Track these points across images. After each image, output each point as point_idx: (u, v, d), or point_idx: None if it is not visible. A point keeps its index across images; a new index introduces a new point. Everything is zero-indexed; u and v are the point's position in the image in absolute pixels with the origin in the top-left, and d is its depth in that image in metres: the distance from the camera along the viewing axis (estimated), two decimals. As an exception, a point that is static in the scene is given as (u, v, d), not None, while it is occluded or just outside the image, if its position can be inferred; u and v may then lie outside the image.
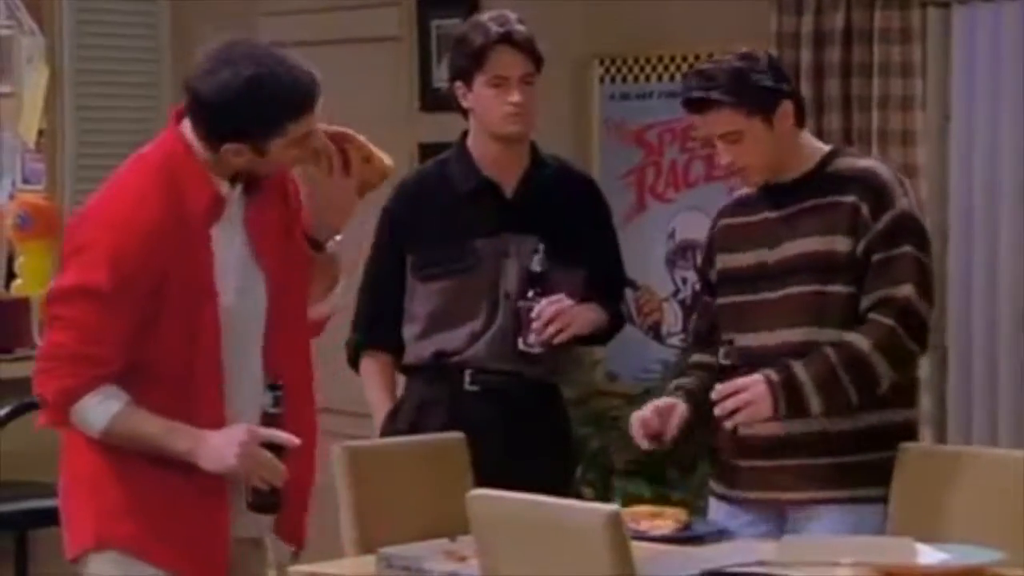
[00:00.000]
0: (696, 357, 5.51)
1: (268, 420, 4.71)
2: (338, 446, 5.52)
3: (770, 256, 5.28)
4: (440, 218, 5.81)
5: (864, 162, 5.37)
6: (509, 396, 5.79)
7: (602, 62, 7.36)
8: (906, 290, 5.11)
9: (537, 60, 5.73)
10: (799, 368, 5.07)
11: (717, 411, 5.05)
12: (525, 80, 5.67)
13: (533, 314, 5.65)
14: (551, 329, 5.62)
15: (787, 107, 5.25)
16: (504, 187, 5.80)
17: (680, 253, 7.42)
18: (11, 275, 7.04)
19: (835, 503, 5.22)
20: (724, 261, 5.39)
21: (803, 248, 5.22)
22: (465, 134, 5.84)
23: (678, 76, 6.96)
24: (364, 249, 5.81)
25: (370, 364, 5.99)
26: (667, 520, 5.26)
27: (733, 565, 4.75)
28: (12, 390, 6.47)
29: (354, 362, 5.98)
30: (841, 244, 5.17)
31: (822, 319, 5.16)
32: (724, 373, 5.22)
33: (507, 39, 5.66)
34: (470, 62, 5.68)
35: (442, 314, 5.80)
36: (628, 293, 6.30)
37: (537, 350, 5.65)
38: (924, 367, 6.25)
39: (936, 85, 6.79)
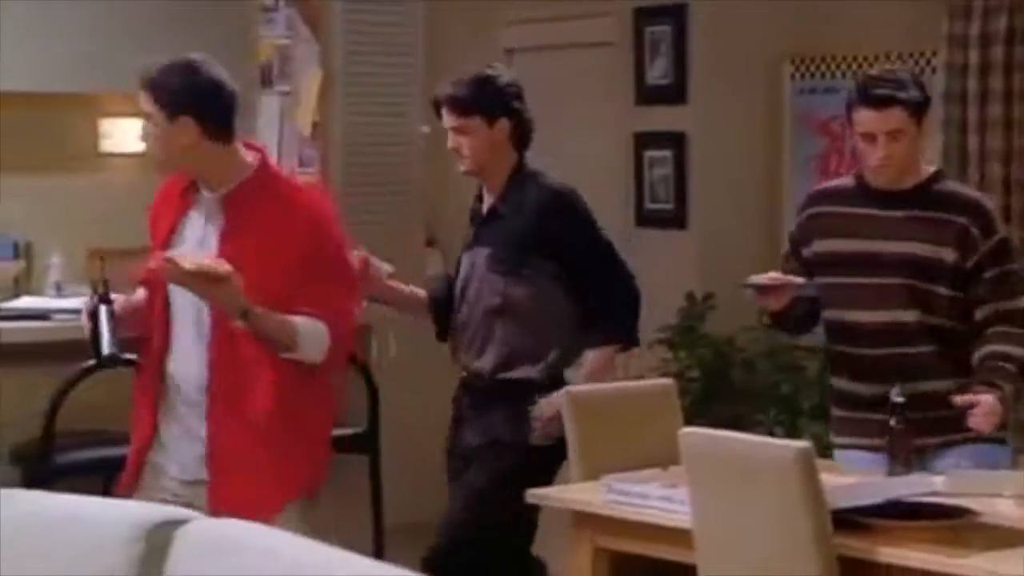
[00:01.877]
0: None
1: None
2: (564, 389, 5.44)
3: (879, 247, 5.18)
4: None
5: (972, 192, 5.47)
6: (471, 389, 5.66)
7: (792, 61, 7.20)
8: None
9: (464, 112, 5.51)
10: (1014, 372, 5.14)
11: (970, 422, 5.02)
12: (455, 130, 5.52)
13: (534, 415, 5.46)
14: (550, 428, 5.42)
15: (929, 121, 5.24)
16: (485, 206, 5.64)
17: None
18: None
19: (956, 444, 5.13)
20: (826, 245, 5.25)
21: (910, 249, 5.15)
22: None
23: (858, 73, 6.76)
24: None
25: None
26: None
27: (911, 495, 4.63)
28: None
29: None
30: (948, 255, 5.12)
31: (930, 309, 5.15)
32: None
33: (436, 100, 5.59)
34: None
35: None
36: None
37: (545, 442, 5.45)
38: None
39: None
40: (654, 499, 4.89)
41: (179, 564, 3.68)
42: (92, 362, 5.14)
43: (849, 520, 4.52)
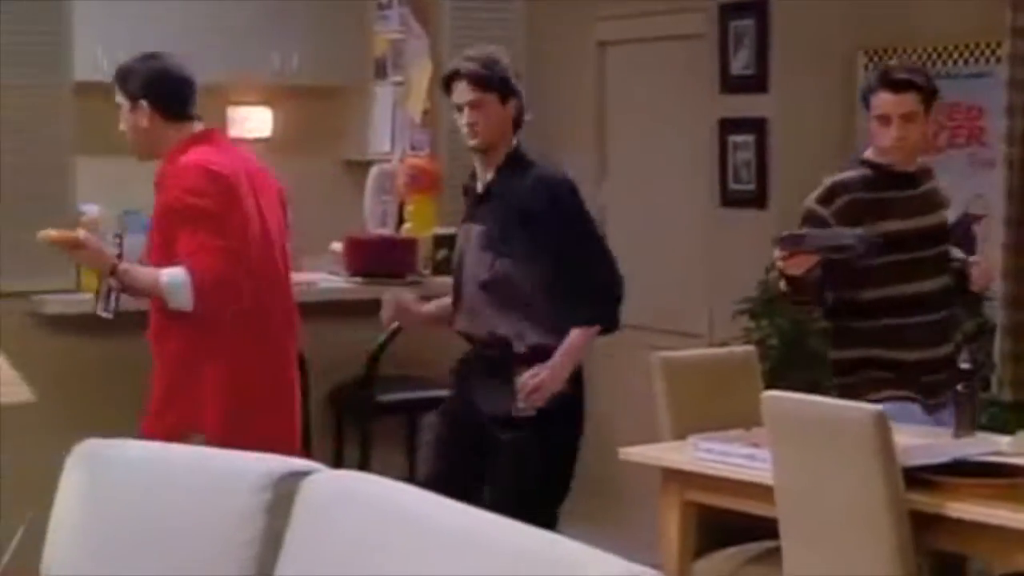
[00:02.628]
0: None
1: None
2: (655, 355, 5.43)
3: (920, 223, 5.28)
4: None
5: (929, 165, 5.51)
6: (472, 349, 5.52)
7: (865, 52, 7.12)
8: None
9: (484, 88, 5.37)
10: None
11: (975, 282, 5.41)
12: (471, 105, 5.36)
13: (517, 386, 5.30)
14: (533, 398, 5.27)
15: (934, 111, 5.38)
16: (479, 185, 5.49)
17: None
18: (401, 220, 7.01)
19: None
20: (879, 227, 5.17)
21: (936, 220, 5.33)
22: None
23: (928, 63, 6.70)
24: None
25: None
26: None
27: (978, 454, 4.60)
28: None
29: None
30: (946, 216, 5.42)
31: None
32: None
33: (456, 74, 5.41)
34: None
35: None
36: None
37: (527, 413, 5.31)
38: None
39: None
40: (738, 457, 4.87)
41: (303, 511, 3.70)
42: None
43: (920, 478, 4.51)
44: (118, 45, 6.37)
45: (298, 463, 3.91)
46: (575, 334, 5.27)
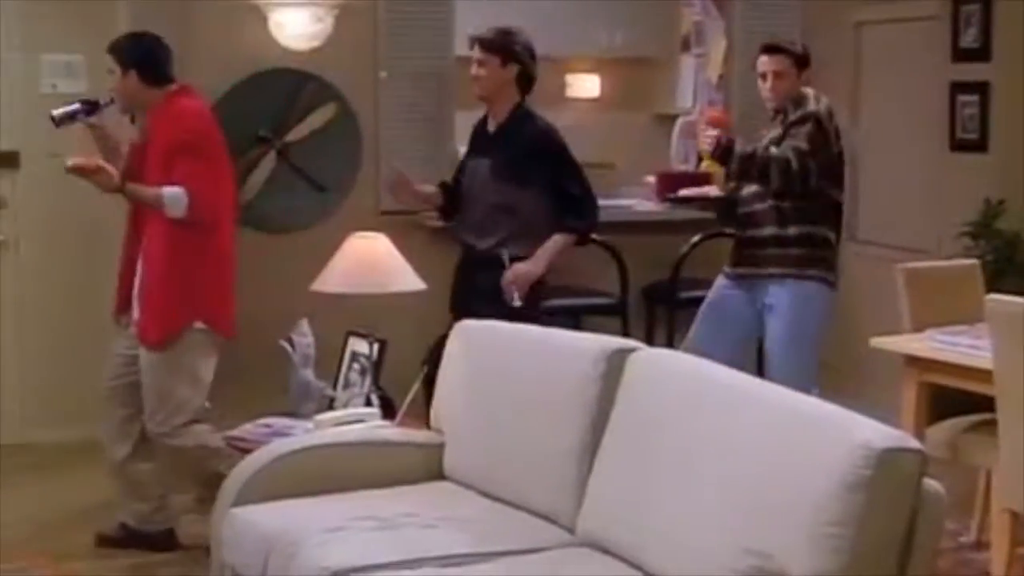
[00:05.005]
0: None
1: None
2: (899, 266, 5.30)
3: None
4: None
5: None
6: (471, 258, 5.43)
7: None
8: None
9: (487, 50, 5.34)
10: None
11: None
12: (478, 62, 5.35)
13: (503, 282, 5.24)
14: (515, 285, 5.23)
15: (809, 72, 5.32)
16: (490, 128, 5.44)
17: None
18: (699, 159, 6.89)
19: (791, 277, 5.23)
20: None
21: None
22: None
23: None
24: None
25: None
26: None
27: None
28: (699, 227, 6.35)
29: None
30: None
31: None
32: None
33: (474, 38, 5.42)
34: None
35: None
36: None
37: (517, 303, 5.20)
38: None
39: None
40: (964, 347, 4.72)
41: (630, 378, 3.69)
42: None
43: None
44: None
45: (625, 341, 3.90)
46: (555, 238, 5.29)
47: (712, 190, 5.66)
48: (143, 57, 4.96)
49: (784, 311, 5.22)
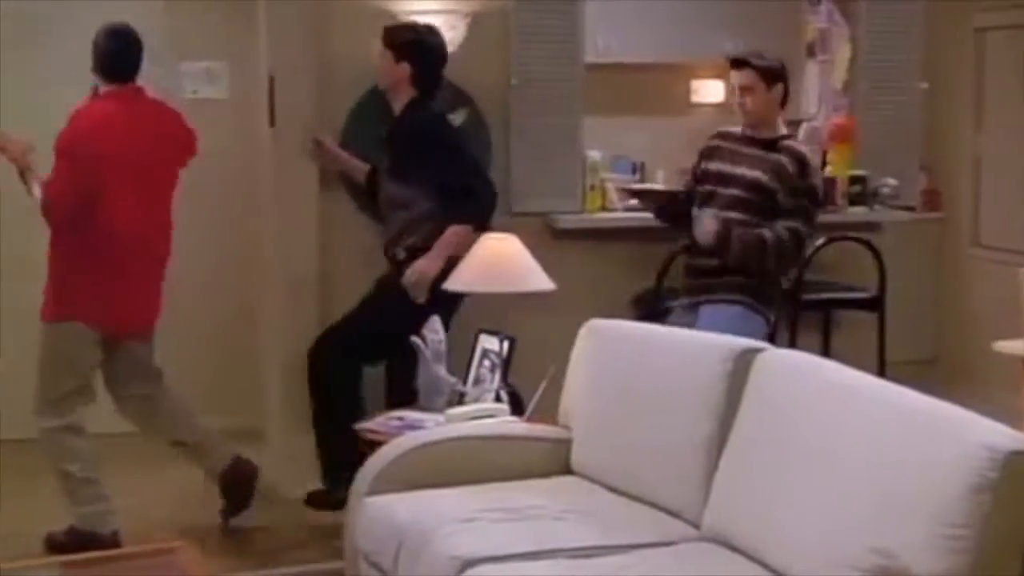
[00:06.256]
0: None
1: None
2: (1022, 271, 5.21)
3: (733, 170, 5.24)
4: None
5: (799, 145, 5.28)
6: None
7: None
8: None
9: (384, 44, 5.47)
10: None
11: None
12: (380, 55, 5.48)
13: (404, 282, 5.35)
14: (416, 285, 5.31)
15: (780, 88, 5.25)
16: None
17: None
18: (824, 164, 6.86)
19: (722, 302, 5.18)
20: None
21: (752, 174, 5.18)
22: None
23: None
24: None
25: None
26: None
27: None
28: (823, 231, 6.31)
29: None
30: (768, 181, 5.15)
31: None
32: None
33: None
34: None
35: None
36: None
37: (421, 301, 5.27)
38: None
39: None
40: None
41: (758, 379, 3.69)
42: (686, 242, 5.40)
43: None
44: (612, 34, 6.44)
45: (753, 342, 3.90)
46: (450, 230, 5.27)
47: (658, 185, 5.67)
48: (100, 55, 5.10)
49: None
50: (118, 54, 5.10)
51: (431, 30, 5.61)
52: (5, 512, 5.37)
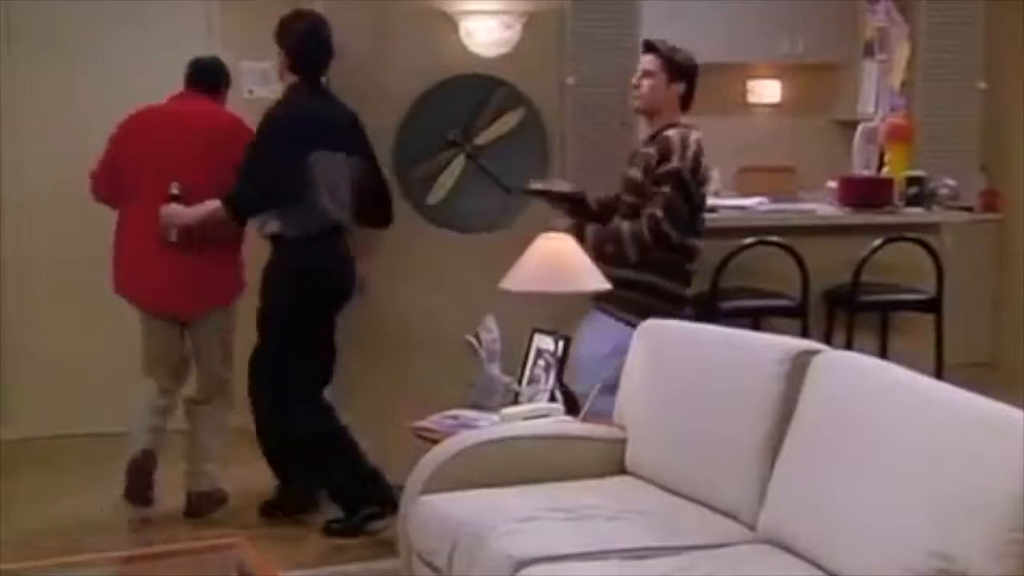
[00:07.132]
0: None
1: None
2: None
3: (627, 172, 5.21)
4: None
5: (676, 132, 5.15)
6: None
7: None
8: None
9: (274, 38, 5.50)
10: None
11: None
12: None
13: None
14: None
15: (682, 86, 5.19)
16: None
17: None
18: (881, 164, 6.79)
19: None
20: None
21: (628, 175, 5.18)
22: None
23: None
24: None
25: None
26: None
27: None
28: (880, 232, 6.22)
29: None
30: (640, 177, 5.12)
31: None
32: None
33: None
34: None
35: None
36: None
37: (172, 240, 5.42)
38: None
39: None
40: None
41: (815, 381, 3.65)
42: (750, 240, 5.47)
43: None
44: (668, 34, 6.38)
45: (810, 343, 3.86)
46: (215, 202, 5.28)
47: (563, 184, 5.56)
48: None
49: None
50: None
51: (300, 15, 5.56)
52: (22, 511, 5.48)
